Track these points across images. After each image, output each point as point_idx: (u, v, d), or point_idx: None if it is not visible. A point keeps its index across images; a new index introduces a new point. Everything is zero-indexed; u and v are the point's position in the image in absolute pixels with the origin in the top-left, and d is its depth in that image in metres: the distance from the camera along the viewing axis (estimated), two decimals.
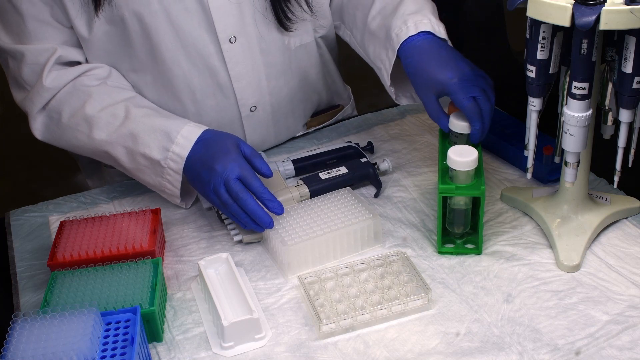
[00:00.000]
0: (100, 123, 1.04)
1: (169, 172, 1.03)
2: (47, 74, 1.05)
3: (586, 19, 0.78)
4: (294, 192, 1.07)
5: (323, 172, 1.11)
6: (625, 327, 0.85)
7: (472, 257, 0.97)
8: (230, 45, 1.09)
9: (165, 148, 1.01)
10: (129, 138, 1.03)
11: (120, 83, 1.11)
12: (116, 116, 1.04)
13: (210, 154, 0.99)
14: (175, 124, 1.02)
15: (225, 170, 0.96)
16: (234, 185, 0.96)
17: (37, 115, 1.08)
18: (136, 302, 0.85)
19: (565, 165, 0.93)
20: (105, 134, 1.04)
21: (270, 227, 0.97)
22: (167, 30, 1.05)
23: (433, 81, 1.00)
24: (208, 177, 0.98)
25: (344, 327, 0.87)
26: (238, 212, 0.97)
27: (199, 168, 0.99)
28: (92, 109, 1.05)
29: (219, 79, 1.11)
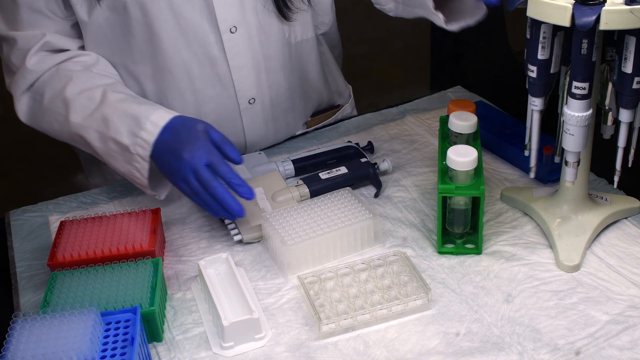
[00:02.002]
0: (76, 106, 1.04)
1: (137, 159, 1.01)
2: (31, 56, 1.07)
3: (586, 19, 0.78)
4: (294, 192, 1.07)
5: (323, 172, 1.11)
6: (625, 327, 0.85)
7: (472, 257, 0.97)
8: (230, 35, 1.09)
9: (134, 133, 1.00)
10: (102, 122, 1.03)
11: (107, 71, 1.11)
12: (92, 100, 1.04)
13: (179, 141, 0.98)
14: (145, 109, 1.01)
15: (193, 158, 0.95)
16: (203, 173, 0.95)
17: (21, 97, 1.09)
18: (136, 302, 0.85)
19: (565, 165, 0.93)
20: (80, 118, 1.04)
21: (241, 215, 0.97)
22: (169, 19, 1.06)
23: None
24: (177, 165, 0.96)
25: (344, 327, 0.87)
26: (209, 200, 0.96)
27: (167, 156, 0.98)
28: (71, 92, 1.05)
29: (219, 69, 1.12)
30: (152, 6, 1.05)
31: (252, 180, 1.10)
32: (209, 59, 1.10)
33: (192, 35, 1.08)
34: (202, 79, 1.12)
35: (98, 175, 1.31)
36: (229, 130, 1.18)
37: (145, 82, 1.12)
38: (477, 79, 1.80)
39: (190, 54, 1.09)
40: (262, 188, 1.08)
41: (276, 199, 1.06)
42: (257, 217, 1.03)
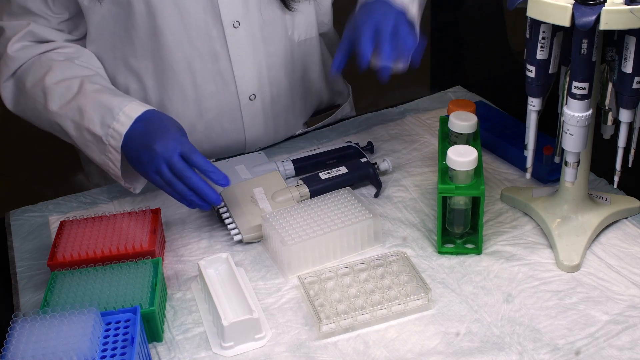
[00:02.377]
0: (54, 95, 1.05)
1: (110, 150, 1.01)
2: (13, 43, 1.07)
3: (586, 19, 0.78)
4: (294, 192, 1.07)
5: (323, 172, 1.11)
6: (625, 327, 0.85)
7: (472, 257, 0.97)
8: (233, 30, 1.09)
9: (107, 124, 1.00)
10: (77, 112, 1.03)
11: (89, 63, 1.11)
12: (70, 89, 1.04)
13: (150, 132, 0.98)
14: (119, 101, 1.01)
15: (166, 149, 0.95)
16: (177, 163, 0.95)
17: (4, 84, 1.10)
18: (136, 302, 0.85)
19: (565, 165, 0.93)
20: (57, 106, 1.04)
21: (218, 202, 0.97)
22: (172, 13, 1.06)
23: (353, 19, 1.00)
24: (149, 157, 0.96)
25: (344, 327, 0.87)
26: (184, 190, 0.96)
27: (139, 148, 0.98)
28: (50, 80, 1.05)
29: (220, 64, 1.12)
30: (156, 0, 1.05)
31: (252, 180, 1.10)
32: (211, 53, 1.11)
33: (195, 30, 1.08)
34: (203, 74, 1.12)
35: (98, 175, 1.31)
36: (229, 126, 1.18)
37: (146, 77, 1.12)
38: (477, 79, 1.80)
39: (192, 49, 1.10)
40: (262, 188, 1.08)
41: (276, 199, 1.06)
42: (257, 217, 1.03)
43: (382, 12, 0.97)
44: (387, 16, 0.96)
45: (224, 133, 1.19)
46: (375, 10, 0.98)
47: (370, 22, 0.95)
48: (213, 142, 1.19)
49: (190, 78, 1.12)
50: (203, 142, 1.19)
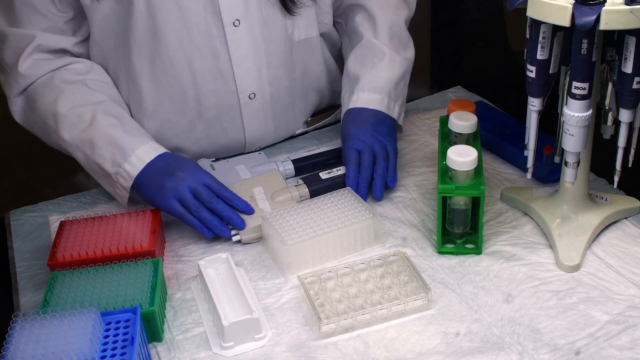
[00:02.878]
0: (65, 123, 1.06)
1: (118, 187, 1.05)
2: (24, 60, 1.08)
3: (586, 19, 0.78)
4: (293, 192, 1.07)
5: (323, 172, 1.11)
6: (625, 327, 0.85)
7: (472, 257, 0.97)
8: (234, 28, 1.09)
9: (117, 163, 1.03)
10: (88, 145, 1.05)
11: (101, 80, 1.12)
12: (82, 119, 1.06)
13: (173, 164, 1.03)
14: (131, 142, 1.04)
15: (194, 176, 1.01)
16: (203, 190, 1.01)
17: (15, 99, 1.11)
18: (136, 302, 0.85)
19: (565, 165, 0.93)
20: (68, 136, 1.06)
21: (243, 227, 1.02)
22: (172, 11, 1.06)
23: (343, 130, 1.15)
24: (172, 183, 1.00)
25: (344, 327, 0.87)
26: (207, 217, 1.00)
27: (160, 178, 1.01)
28: (62, 107, 1.06)
29: (220, 62, 1.12)
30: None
31: (252, 179, 1.10)
32: (211, 52, 1.10)
33: (195, 28, 1.08)
34: (203, 73, 1.12)
35: None
36: (228, 125, 1.18)
37: (146, 76, 1.12)
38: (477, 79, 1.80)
39: (192, 47, 1.10)
40: (261, 187, 1.08)
41: (275, 199, 1.06)
42: (256, 217, 1.03)
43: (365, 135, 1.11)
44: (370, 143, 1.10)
45: (223, 132, 1.19)
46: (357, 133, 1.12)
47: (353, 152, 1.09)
48: (213, 141, 1.19)
49: (190, 76, 1.12)
50: (203, 141, 1.19)
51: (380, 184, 1.08)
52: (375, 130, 1.11)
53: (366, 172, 1.08)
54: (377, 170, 1.09)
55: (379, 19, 1.21)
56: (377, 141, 1.10)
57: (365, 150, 1.09)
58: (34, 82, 1.09)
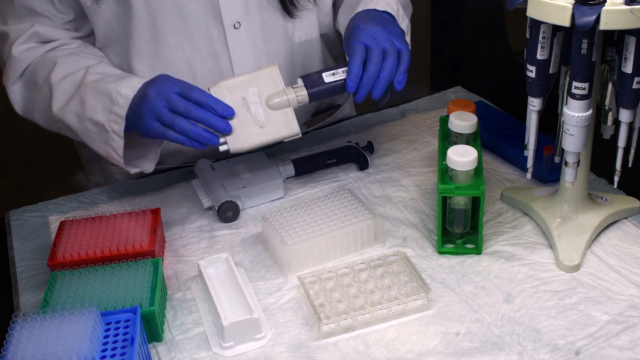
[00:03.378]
0: (60, 91, 1.05)
1: (113, 137, 1.01)
2: (17, 46, 1.07)
3: (586, 19, 0.78)
4: (290, 95, 0.97)
5: (326, 72, 0.99)
6: (625, 327, 0.85)
7: (472, 257, 0.97)
8: (234, 30, 1.09)
9: (108, 109, 1.00)
10: (79, 104, 1.03)
11: (95, 53, 1.11)
12: (74, 83, 1.04)
13: (145, 87, 0.97)
14: (116, 85, 1.00)
15: (161, 90, 0.93)
16: (177, 101, 0.93)
17: (13, 86, 1.10)
18: (136, 302, 0.85)
19: (565, 165, 0.93)
20: (63, 101, 1.04)
21: (229, 130, 0.93)
22: (173, 14, 1.06)
23: (347, 30, 1.02)
24: (146, 106, 0.94)
25: (344, 327, 0.87)
26: (188, 128, 0.92)
27: (137, 104, 0.96)
28: (55, 76, 1.05)
29: (221, 64, 1.12)
30: (156, 1, 1.05)
31: (246, 77, 0.98)
32: (211, 54, 1.11)
33: (195, 31, 1.08)
34: (203, 74, 1.12)
35: (98, 175, 1.31)
36: None
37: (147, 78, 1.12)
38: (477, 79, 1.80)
39: (192, 49, 1.10)
40: (256, 88, 0.97)
41: (270, 102, 0.97)
42: (247, 125, 0.95)
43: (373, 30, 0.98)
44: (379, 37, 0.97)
45: None
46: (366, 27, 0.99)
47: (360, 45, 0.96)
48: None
49: (190, 78, 1.12)
50: None
51: (385, 81, 0.96)
52: (387, 29, 0.98)
53: (373, 69, 0.95)
54: (385, 67, 0.95)
55: None
56: (388, 40, 0.97)
57: (374, 47, 0.95)
58: (29, 65, 1.08)
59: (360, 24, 0.99)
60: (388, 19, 1.03)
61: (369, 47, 0.95)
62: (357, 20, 1.01)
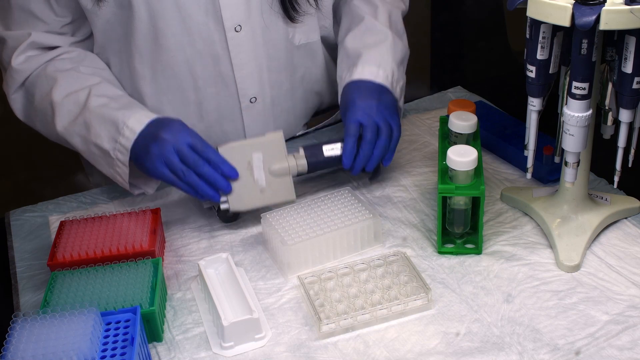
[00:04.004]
0: (62, 111, 1.05)
1: (117, 164, 1.03)
2: (17, 56, 1.08)
3: (586, 19, 0.78)
4: (291, 162, 1.04)
5: (326, 145, 1.07)
6: (625, 327, 0.85)
7: (472, 257, 0.97)
8: (235, 33, 1.09)
9: (114, 139, 1.01)
10: (84, 127, 1.04)
11: (95, 66, 1.11)
12: (77, 104, 1.05)
13: (158, 127, 0.99)
14: (122, 114, 1.02)
15: (175, 137, 0.97)
16: (188, 154, 0.97)
17: (13, 96, 1.11)
18: (136, 302, 0.85)
19: (565, 165, 0.93)
20: (67, 122, 1.05)
21: (228, 190, 0.99)
22: (174, 17, 1.06)
23: (343, 100, 1.10)
24: (158, 149, 0.97)
25: (344, 327, 0.87)
26: (196, 182, 0.97)
27: (147, 144, 0.98)
28: (57, 95, 1.06)
29: (222, 67, 1.12)
30: (157, 3, 1.05)
31: (253, 142, 1.04)
32: (212, 57, 1.10)
33: (196, 34, 1.08)
34: (204, 77, 1.12)
35: (99, 174, 1.31)
36: (229, 128, 1.18)
37: (144, 84, 1.12)
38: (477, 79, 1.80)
39: (193, 52, 1.09)
40: (261, 154, 1.03)
41: (272, 169, 1.03)
42: (249, 188, 1.01)
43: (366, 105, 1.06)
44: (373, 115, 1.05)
45: (224, 135, 1.19)
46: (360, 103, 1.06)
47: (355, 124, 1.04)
48: (213, 144, 1.19)
49: (191, 81, 1.12)
50: None
51: (376, 159, 1.05)
52: (381, 105, 1.06)
53: (367, 149, 1.04)
54: (378, 146, 1.04)
55: (380, 5, 1.20)
56: (382, 117, 1.05)
57: (369, 125, 1.04)
58: (30, 76, 1.09)
59: (356, 100, 1.06)
60: (383, 91, 1.10)
61: (363, 125, 1.04)
62: (353, 94, 1.08)
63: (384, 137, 1.04)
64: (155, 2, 1.04)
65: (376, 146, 1.04)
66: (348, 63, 1.15)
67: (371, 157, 1.05)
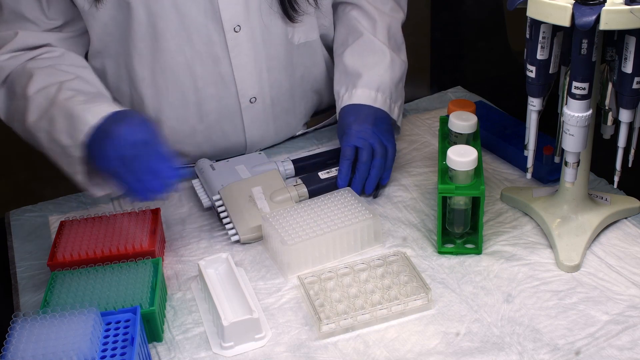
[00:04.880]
0: (33, 105, 1.01)
1: (74, 160, 0.97)
2: (2, 54, 1.06)
3: (586, 19, 0.78)
4: (292, 192, 1.07)
5: (322, 172, 1.11)
6: (625, 327, 0.85)
7: (472, 257, 0.97)
8: (234, 34, 1.09)
9: (71, 134, 0.96)
10: (48, 122, 0.99)
11: (76, 63, 1.08)
12: (47, 98, 1.01)
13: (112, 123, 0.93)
14: (82, 108, 0.96)
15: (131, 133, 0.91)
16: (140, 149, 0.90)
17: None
18: (136, 302, 0.85)
19: (565, 165, 0.93)
20: (36, 116, 1.01)
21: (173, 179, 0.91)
22: (173, 18, 1.06)
23: (340, 124, 1.14)
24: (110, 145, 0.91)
25: (344, 327, 0.87)
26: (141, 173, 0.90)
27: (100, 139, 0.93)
28: (31, 90, 1.02)
29: (221, 67, 1.12)
30: (156, 5, 1.04)
31: (251, 179, 1.10)
32: (212, 57, 1.10)
33: (195, 34, 1.08)
34: (204, 78, 1.12)
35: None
36: (229, 129, 1.18)
37: (143, 86, 1.12)
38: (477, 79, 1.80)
39: (193, 53, 1.09)
40: (260, 187, 1.08)
41: (274, 199, 1.06)
42: (255, 217, 1.03)
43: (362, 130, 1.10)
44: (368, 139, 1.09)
45: (224, 135, 1.19)
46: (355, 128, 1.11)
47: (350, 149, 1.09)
48: (213, 144, 1.19)
49: (190, 82, 1.12)
50: (203, 145, 1.19)
51: (374, 179, 1.09)
52: (377, 128, 1.10)
53: (363, 169, 1.08)
54: (374, 166, 1.08)
55: (378, 19, 1.21)
56: (377, 139, 1.09)
57: (364, 147, 1.08)
58: (11, 73, 1.06)
59: (352, 125, 1.11)
60: (380, 114, 1.13)
61: (359, 148, 1.09)
62: (350, 118, 1.12)
63: (378, 157, 1.08)
64: (154, 3, 1.04)
65: (372, 166, 1.09)
66: (346, 82, 1.18)
67: (368, 178, 1.09)
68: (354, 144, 1.09)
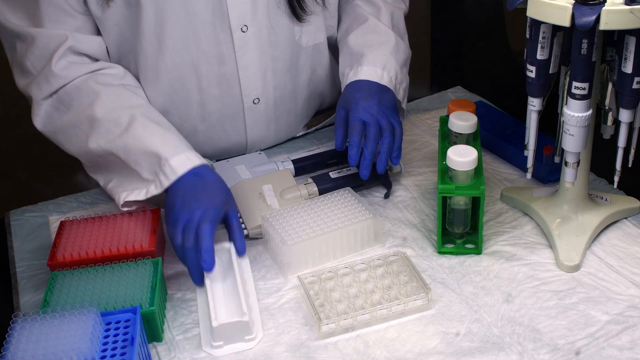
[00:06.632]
0: (101, 129, 1.01)
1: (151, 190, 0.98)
2: (57, 60, 1.02)
3: (586, 19, 0.78)
4: (302, 190, 1.08)
5: (333, 171, 1.11)
6: (625, 327, 0.85)
7: (472, 257, 0.97)
8: (241, 34, 1.09)
9: (154, 172, 0.97)
10: (122, 150, 0.99)
11: (136, 84, 1.09)
12: (118, 124, 1.00)
13: (195, 189, 0.95)
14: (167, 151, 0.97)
15: (204, 213, 0.92)
16: (190, 233, 0.91)
17: (42, 102, 1.04)
18: (136, 302, 0.85)
19: (565, 165, 0.93)
20: (104, 141, 1.00)
21: (200, 285, 0.92)
22: (181, 17, 1.05)
23: (345, 97, 1.10)
24: (186, 215, 0.92)
25: (344, 327, 0.87)
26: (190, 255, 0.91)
27: (180, 199, 0.94)
28: (99, 111, 1.01)
29: (226, 67, 1.11)
30: (165, 3, 1.04)
31: (262, 177, 1.10)
32: (217, 57, 1.10)
33: (202, 34, 1.07)
34: (208, 78, 1.12)
35: None
36: (231, 129, 1.18)
37: (147, 85, 1.11)
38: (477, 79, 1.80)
39: (199, 52, 1.09)
40: (271, 185, 1.08)
41: (284, 197, 1.06)
42: (264, 212, 1.03)
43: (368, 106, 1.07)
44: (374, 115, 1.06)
45: (225, 135, 1.19)
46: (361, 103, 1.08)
47: (358, 122, 1.05)
48: (214, 144, 1.19)
49: (195, 81, 1.12)
50: (204, 144, 1.18)
51: (385, 157, 1.05)
52: (382, 105, 1.07)
53: (372, 146, 1.04)
54: (383, 143, 1.05)
55: (382, 6, 1.21)
56: (384, 116, 1.06)
57: (372, 123, 1.04)
58: (67, 85, 1.03)
59: (359, 100, 1.07)
60: (386, 92, 1.11)
61: (366, 123, 1.05)
62: (356, 93, 1.09)
63: (387, 134, 1.05)
64: (163, 1, 1.04)
65: (381, 144, 1.05)
66: (351, 61, 1.15)
67: (379, 156, 1.05)
68: (362, 118, 1.05)
